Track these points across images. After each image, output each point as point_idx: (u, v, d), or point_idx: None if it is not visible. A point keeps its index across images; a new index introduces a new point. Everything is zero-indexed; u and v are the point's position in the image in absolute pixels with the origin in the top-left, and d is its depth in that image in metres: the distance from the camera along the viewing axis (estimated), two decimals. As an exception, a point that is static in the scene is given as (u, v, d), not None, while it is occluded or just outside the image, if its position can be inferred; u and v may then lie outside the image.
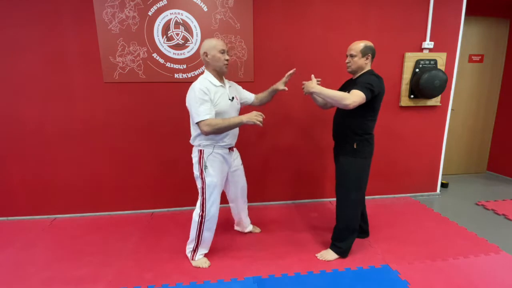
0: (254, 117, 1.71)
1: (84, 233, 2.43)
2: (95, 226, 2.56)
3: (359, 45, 1.91)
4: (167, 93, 2.62)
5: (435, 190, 3.24)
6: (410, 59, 2.83)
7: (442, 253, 2.08)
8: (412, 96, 2.90)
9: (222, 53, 1.79)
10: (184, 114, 2.64)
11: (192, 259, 2.00)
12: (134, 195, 2.78)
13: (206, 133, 1.75)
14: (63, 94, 2.52)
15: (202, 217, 1.90)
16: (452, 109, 3.21)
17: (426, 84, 2.75)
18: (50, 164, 2.63)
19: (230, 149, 1.98)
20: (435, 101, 2.96)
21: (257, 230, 2.43)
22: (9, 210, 2.68)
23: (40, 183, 2.65)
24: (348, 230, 2.02)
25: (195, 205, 1.97)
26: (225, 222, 2.49)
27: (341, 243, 2.03)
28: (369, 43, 1.93)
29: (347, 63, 1.96)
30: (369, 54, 1.91)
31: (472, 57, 3.57)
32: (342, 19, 2.70)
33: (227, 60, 1.82)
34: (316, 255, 2.08)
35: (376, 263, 1.98)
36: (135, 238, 2.35)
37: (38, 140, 2.57)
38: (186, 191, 2.80)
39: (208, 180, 1.86)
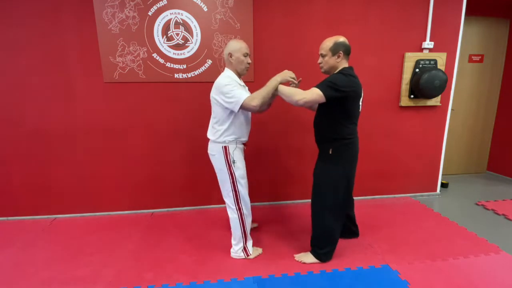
0: (288, 75, 1.79)
1: (84, 233, 2.43)
2: (95, 226, 2.56)
3: (328, 43, 1.75)
4: (167, 93, 2.62)
5: (435, 190, 3.23)
6: (410, 59, 2.83)
7: (442, 253, 2.08)
8: (412, 96, 2.90)
9: (245, 56, 1.86)
10: (184, 114, 2.68)
11: (248, 256, 2.03)
12: (134, 195, 2.78)
13: (256, 106, 1.76)
14: (63, 94, 2.53)
15: (240, 209, 1.96)
16: (452, 109, 3.21)
17: (426, 84, 2.75)
18: (50, 164, 2.63)
19: (245, 145, 2.07)
20: (435, 101, 2.96)
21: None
22: (9, 210, 2.68)
23: (40, 183, 2.65)
24: (325, 238, 1.95)
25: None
26: (225, 222, 2.49)
27: (319, 250, 1.97)
28: (340, 39, 1.74)
29: (319, 63, 1.83)
30: (340, 52, 1.74)
31: (472, 57, 3.57)
32: (342, 19, 2.70)
33: (248, 63, 1.89)
34: (294, 255, 2.05)
35: (376, 263, 1.98)
36: (135, 238, 2.35)
37: (38, 140, 2.57)
38: (186, 191, 2.79)
39: (237, 173, 1.93)
